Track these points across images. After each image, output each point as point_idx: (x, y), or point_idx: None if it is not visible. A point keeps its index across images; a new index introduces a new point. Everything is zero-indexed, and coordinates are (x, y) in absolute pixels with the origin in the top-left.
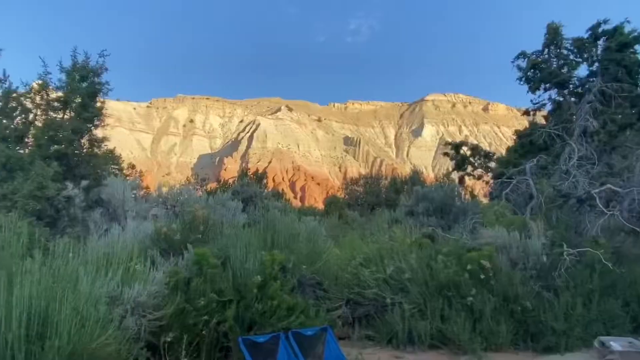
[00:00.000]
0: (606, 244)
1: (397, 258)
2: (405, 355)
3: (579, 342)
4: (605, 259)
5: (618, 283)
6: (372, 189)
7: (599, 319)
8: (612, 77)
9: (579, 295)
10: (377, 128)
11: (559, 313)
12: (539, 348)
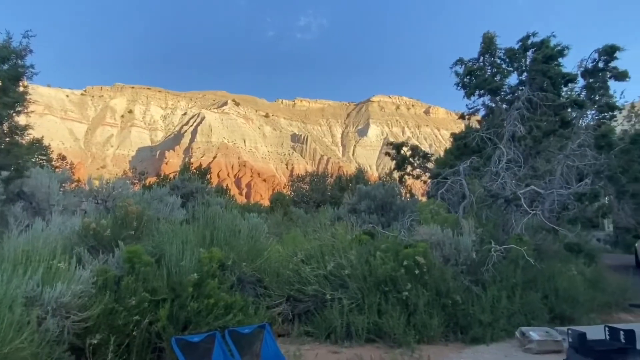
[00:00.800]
0: (529, 241)
1: (338, 255)
2: (342, 350)
3: (502, 333)
4: (528, 255)
5: (538, 277)
6: (318, 186)
7: (521, 311)
8: (539, 87)
9: (504, 289)
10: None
11: (485, 306)
12: (467, 339)
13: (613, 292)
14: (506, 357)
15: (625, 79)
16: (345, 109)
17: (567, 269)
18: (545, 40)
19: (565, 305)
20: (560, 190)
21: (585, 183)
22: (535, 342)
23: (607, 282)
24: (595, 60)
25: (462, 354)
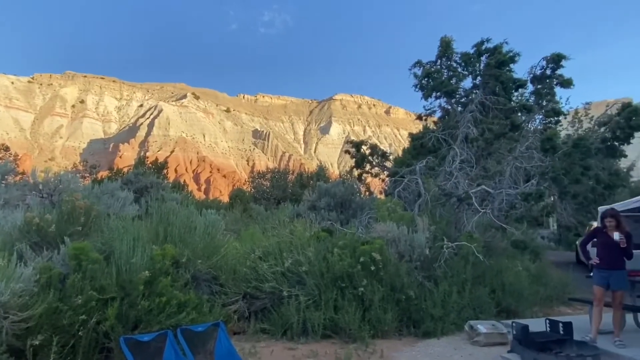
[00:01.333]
0: (479, 239)
1: (296, 251)
2: (298, 347)
3: (453, 327)
4: (478, 252)
5: (487, 273)
6: (279, 183)
7: (470, 305)
8: (491, 91)
9: (454, 284)
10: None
11: (437, 301)
12: (419, 333)
13: (555, 287)
14: (455, 350)
15: (570, 86)
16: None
17: (513, 265)
18: (498, 46)
19: (511, 300)
20: (508, 190)
21: (532, 184)
22: (482, 335)
23: (550, 277)
24: (544, 68)
25: (414, 347)
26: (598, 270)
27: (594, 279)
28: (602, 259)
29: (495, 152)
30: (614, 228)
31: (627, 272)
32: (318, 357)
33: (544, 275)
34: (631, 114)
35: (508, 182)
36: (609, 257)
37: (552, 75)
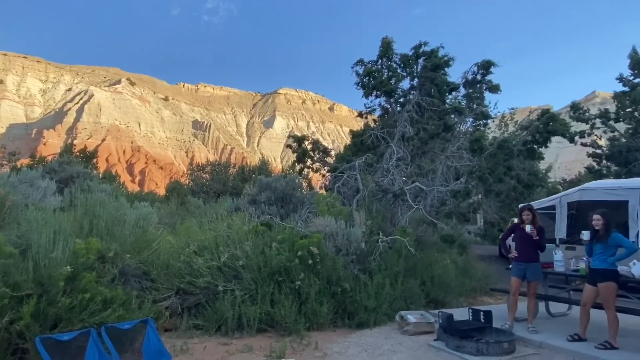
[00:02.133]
0: (412, 233)
1: (233, 246)
2: (232, 342)
3: (385, 317)
4: (410, 246)
5: (418, 266)
6: (219, 176)
7: (401, 297)
8: (427, 93)
9: (388, 277)
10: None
11: (371, 293)
12: (353, 324)
13: (479, 279)
14: (386, 339)
15: (498, 91)
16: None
17: (442, 258)
18: (435, 50)
19: (439, 291)
20: (440, 188)
21: (460, 182)
22: (411, 325)
23: (475, 269)
24: (475, 73)
25: (348, 338)
26: (516, 263)
27: (512, 271)
28: (520, 252)
29: (430, 151)
30: (530, 221)
31: (541, 264)
32: (252, 351)
33: (470, 268)
34: (549, 120)
35: (440, 180)
36: (525, 251)
37: (482, 80)
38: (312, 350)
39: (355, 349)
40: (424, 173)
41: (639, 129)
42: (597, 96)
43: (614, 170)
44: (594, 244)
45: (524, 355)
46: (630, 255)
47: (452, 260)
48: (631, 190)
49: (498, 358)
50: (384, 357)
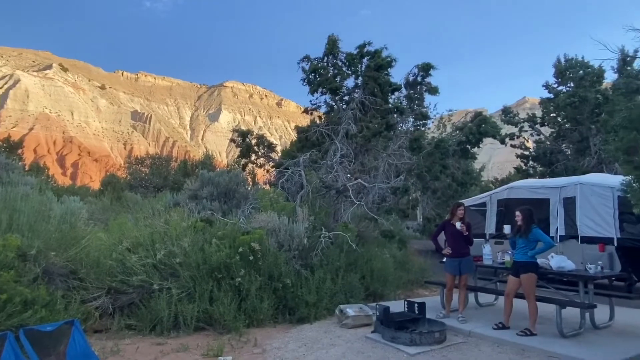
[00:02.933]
0: (354, 228)
1: (171, 242)
2: (168, 341)
3: (325, 312)
4: (351, 241)
5: (359, 260)
6: (160, 170)
7: (342, 291)
8: (370, 92)
9: (329, 272)
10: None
11: (312, 288)
12: (294, 320)
13: (416, 272)
14: (325, 333)
15: (436, 93)
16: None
17: (382, 252)
18: (378, 50)
19: (378, 284)
20: (381, 184)
21: (400, 179)
22: (350, 318)
23: (413, 263)
24: (415, 75)
25: (288, 333)
26: (450, 259)
27: (447, 267)
28: (453, 248)
29: (372, 149)
30: (462, 216)
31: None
32: (189, 350)
33: (408, 262)
34: (481, 122)
35: (381, 177)
36: (458, 247)
37: (422, 82)
38: (251, 347)
39: (295, 344)
40: (366, 170)
41: (561, 133)
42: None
43: (539, 170)
44: (517, 239)
45: (453, 343)
46: (548, 249)
47: (391, 254)
48: (552, 189)
49: (430, 347)
50: (323, 350)
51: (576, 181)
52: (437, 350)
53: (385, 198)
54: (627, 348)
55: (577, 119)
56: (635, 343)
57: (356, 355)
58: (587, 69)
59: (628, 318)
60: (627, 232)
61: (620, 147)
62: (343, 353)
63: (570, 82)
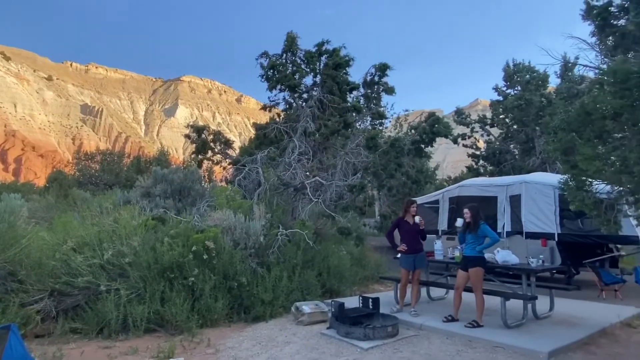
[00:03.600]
0: (311, 226)
1: (120, 241)
2: (116, 344)
3: (281, 310)
4: (309, 238)
5: (316, 257)
6: (111, 166)
7: (298, 288)
8: (329, 90)
9: (285, 269)
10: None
11: (268, 286)
12: (249, 318)
13: (372, 268)
14: (281, 331)
15: (392, 93)
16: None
17: (339, 249)
18: (337, 49)
19: (334, 281)
20: (338, 182)
21: (357, 177)
22: (306, 315)
23: (369, 259)
24: (373, 75)
25: (242, 332)
26: (405, 255)
27: (402, 263)
28: (408, 245)
29: (331, 147)
30: (415, 212)
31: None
32: (138, 353)
33: (364, 258)
34: (434, 122)
35: (339, 175)
36: (412, 243)
37: (379, 82)
38: (204, 348)
39: (249, 343)
40: (324, 168)
41: (509, 133)
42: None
43: (489, 169)
44: (467, 234)
45: (405, 337)
46: (494, 244)
47: (348, 251)
48: (499, 188)
49: (383, 341)
50: (277, 348)
51: (521, 180)
52: (389, 344)
53: (343, 195)
54: (564, 336)
55: (523, 120)
56: (572, 331)
57: (310, 351)
58: (533, 73)
59: (567, 308)
60: (567, 228)
61: (559, 148)
62: (297, 350)
63: (518, 85)
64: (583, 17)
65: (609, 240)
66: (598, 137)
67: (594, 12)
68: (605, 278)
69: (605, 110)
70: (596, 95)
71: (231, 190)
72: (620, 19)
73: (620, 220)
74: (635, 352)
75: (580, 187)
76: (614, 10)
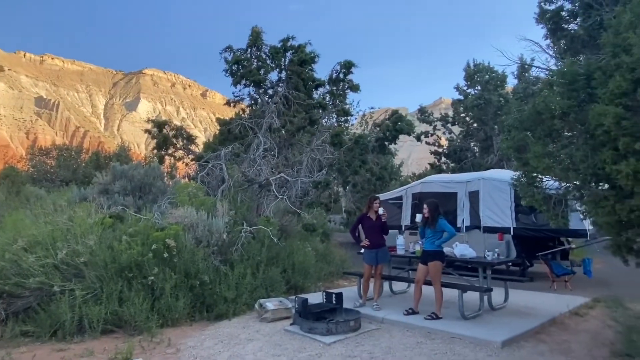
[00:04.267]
0: (275, 222)
1: (74, 240)
2: (71, 347)
3: (245, 307)
4: (273, 235)
5: (281, 254)
6: (68, 162)
7: (262, 285)
8: (294, 86)
9: (249, 267)
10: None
11: (231, 283)
12: (212, 317)
13: (337, 264)
14: (244, 329)
15: (357, 90)
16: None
17: (304, 246)
18: (302, 45)
19: (299, 277)
20: (303, 178)
21: (322, 173)
22: (270, 312)
23: (334, 255)
24: (337, 72)
25: (204, 331)
26: (368, 250)
27: (365, 258)
28: (370, 240)
29: (297, 144)
30: (378, 208)
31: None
32: (94, 355)
33: (329, 254)
34: (397, 120)
35: (305, 172)
36: (375, 238)
37: (344, 79)
38: (164, 347)
39: (211, 341)
40: (290, 164)
41: (469, 132)
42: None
43: (451, 166)
44: (426, 229)
45: (367, 330)
46: (451, 238)
47: (313, 247)
48: (459, 184)
49: (345, 335)
50: (240, 346)
51: (479, 177)
52: (351, 338)
53: (308, 192)
54: (517, 326)
55: (482, 119)
56: (525, 321)
57: (273, 348)
58: (492, 73)
59: (520, 299)
60: (522, 223)
61: (512, 146)
62: (260, 347)
63: (478, 85)
64: (537, 21)
65: (560, 234)
66: (548, 136)
67: (546, 16)
68: (556, 270)
69: (554, 110)
70: (546, 96)
71: (194, 187)
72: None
73: (568, 214)
74: (582, 339)
75: (531, 183)
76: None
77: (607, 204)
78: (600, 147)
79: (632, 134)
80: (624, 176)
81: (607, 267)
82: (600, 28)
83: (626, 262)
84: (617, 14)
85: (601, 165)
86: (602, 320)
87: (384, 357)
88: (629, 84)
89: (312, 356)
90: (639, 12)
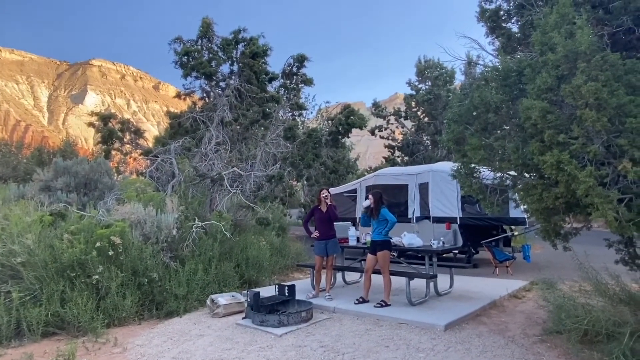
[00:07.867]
0: (228, 217)
1: (10, 240)
2: (7, 352)
3: (196, 303)
4: (226, 230)
5: (234, 249)
6: (7, 158)
7: (215, 281)
8: (246, 79)
9: (201, 262)
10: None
11: (182, 280)
12: (161, 314)
13: (292, 257)
14: (195, 325)
15: (311, 84)
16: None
17: (258, 240)
18: (254, 38)
19: (253, 271)
20: (257, 173)
21: (276, 167)
22: (222, 307)
23: (290, 249)
24: (291, 65)
25: (154, 329)
26: (318, 241)
27: (315, 249)
28: (320, 231)
29: (251, 137)
30: (329, 200)
31: (338, 240)
32: (33, 359)
33: (285, 248)
34: (349, 114)
35: (259, 166)
36: (324, 230)
37: (297, 72)
38: (110, 347)
39: (160, 339)
40: (244, 158)
41: (420, 126)
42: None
43: (405, 159)
44: (372, 220)
45: (319, 320)
46: (393, 226)
47: (268, 241)
48: (410, 176)
49: (297, 326)
50: (190, 342)
51: (429, 169)
52: (303, 329)
53: (262, 186)
54: (460, 309)
55: (432, 113)
56: (467, 305)
57: (224, 342)
58: (441, 69)
59: (465, 284)
60: (467, 212)
61: (451, 139)
62: (210, 342)
63: (428, 80)
64: (477, 19)
65: (502, 222)
66: (484, 129)
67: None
68: (498, 256)
69: (489, 105)
70: (482, 91)
71: (141, 182)
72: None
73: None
74: (519, 320)
75: (469, 174)
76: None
77: (535, 192)
78: (529, 139)
79: (556, 127)
80: (549, 166)
81: (545, 252)
82: (531, 27)
83: (554, 246)
84: (544, 15)
85: (530, 156)
86: (537, 302)
87: (334, 345)
88: (554, 80)
89: (262, 348)
90: (563, 13)
